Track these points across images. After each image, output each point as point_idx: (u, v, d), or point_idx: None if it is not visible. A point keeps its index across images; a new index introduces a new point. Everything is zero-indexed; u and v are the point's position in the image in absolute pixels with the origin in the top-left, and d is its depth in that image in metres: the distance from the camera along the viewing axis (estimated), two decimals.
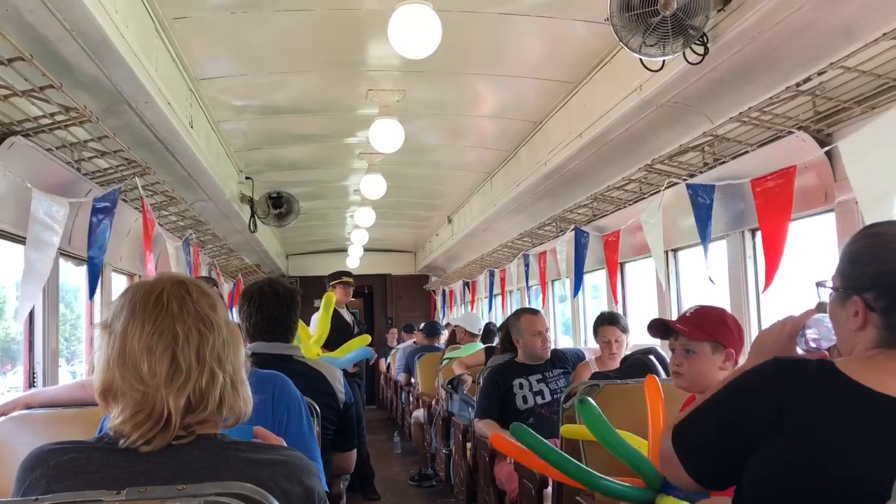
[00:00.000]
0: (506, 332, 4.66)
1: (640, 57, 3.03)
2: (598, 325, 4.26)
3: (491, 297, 9.67)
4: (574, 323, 6.98)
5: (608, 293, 5.79)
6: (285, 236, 10.91)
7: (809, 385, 1.34)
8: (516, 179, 6.13)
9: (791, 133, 3.32)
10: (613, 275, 5.62)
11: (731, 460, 1.39)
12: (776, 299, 3.76)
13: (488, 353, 5.39)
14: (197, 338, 1.24)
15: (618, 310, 5.41)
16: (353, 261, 12.02)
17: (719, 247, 4.26)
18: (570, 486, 2.75)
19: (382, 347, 11.55)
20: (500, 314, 9.35)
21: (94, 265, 4.05)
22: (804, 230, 3.60)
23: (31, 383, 3.72)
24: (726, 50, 2.98)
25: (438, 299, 13.67)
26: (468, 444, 4.85)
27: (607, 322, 4.22)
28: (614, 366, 3.99)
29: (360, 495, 5.92)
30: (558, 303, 7.89)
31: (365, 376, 7.14)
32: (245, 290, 2.78)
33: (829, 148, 3.16)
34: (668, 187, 4.33)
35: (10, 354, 4.39)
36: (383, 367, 11.53)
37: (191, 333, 1.24)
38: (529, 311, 4.35)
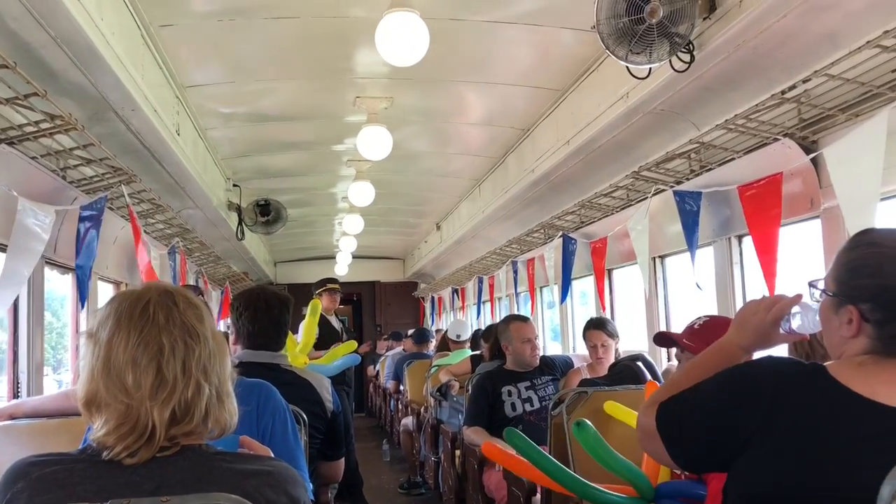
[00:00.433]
0: (494, 339, 4.66)
1: (627, 65, 3.04)
2: (586, 329, 4.31)
3: (480, 303, 9.67)
4: (563, 329, 6.99)
5: (596, 299, 5.80)
6: (273, 244, 10.87)
7: (801, 388, 1.34)
8: (504, 186, 6.13)
9: (777, 140, 3.34)
10: (601, 281, 5.63)
11: (719, 456, 1.39)
12: None
13: (474, 361, 5.38)
14: (183, 350, 1.23)
15: (606, 316, 5.42)
16: (342, 268, 12.00)
17: (706, 253, 4.28)
18: (558, 494, 2.75)
19: (371, 355, 11.52)
20: (489, 321, 9.34)
21: (83, 274, 4.02)
22: (790, 236, 3.62)
23: (15, 394, 3.68)
24: (712, 58, 3.00)
25: (427, 306, 13.65)
26: (457, 451, 4.84)
27: (593, 327, 4.25)
28: (603, 371, 4.00)
29: None
30: (547, 309, 7.89)
31: (353, 384, 7.11)
32: (239, 295, 2.75)
33: (814, 155, 3.18)
34: (655, 194, 4.35)
35: None
36: (372, 373, 11.49)
37: (177, 345, 1.22)
38: (519, 318, 4.35)
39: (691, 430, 1.44)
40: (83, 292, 4.07)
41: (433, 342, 8.36)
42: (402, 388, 8.02)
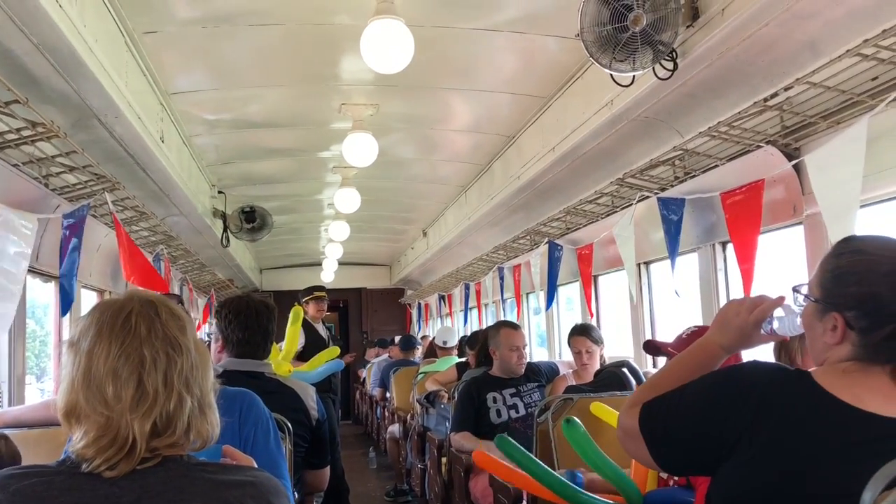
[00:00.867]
0: (480, 346, 4.66)
1: (611, 72, 3.06)
2: (570, 336, 4.32)
3: (466, 309, 9.67)
4: (549, 335, 7.00)
5: (582, 305, 5.82)
6: (259, 251, 10.83)
7: (786, 395, 1.34)
8: (490, 193, 6.14)
9: (760, 147, 3.37)
10: (588, 287, 5.64)
11: (703, 460, 1.40)
12: None
13: (460, 369, 5.38)
14: (165, 362, 1.21)
15: (592, 322, 5.43)
16: (328, 275, 11.96)
17: (691, 259, 4.30)
18: (545, 501, 2.75)
19: (359, 362, 11.49)
20: (476, 327, 9.34)
21: (67, 282, 3.98)
22: (773, 243, 3.65)
23: None
24: (695, 65, 3.01)
25: (414, 312, 13.64)
26: (443, 458, 4.83)
27: (578, 333, 4.27)
28: (588, 377, 4.00)
29: None
30: (533, 315, 7.91)
31: (339, 391, 7.08)
32: (225, 302, 2.71)
33: (796, 161, 3.20)
34: (639, 201, 4.37)
35: None
36: (362, 375, 11.46)
37: (158, 357, 1.21)
38: (510, 324, 4.34)
39: (676, 433, 1.43)
40: (66, 300, 4.03)
41: (420, 349, 8.34)
42: (388, 395, 8.00)
